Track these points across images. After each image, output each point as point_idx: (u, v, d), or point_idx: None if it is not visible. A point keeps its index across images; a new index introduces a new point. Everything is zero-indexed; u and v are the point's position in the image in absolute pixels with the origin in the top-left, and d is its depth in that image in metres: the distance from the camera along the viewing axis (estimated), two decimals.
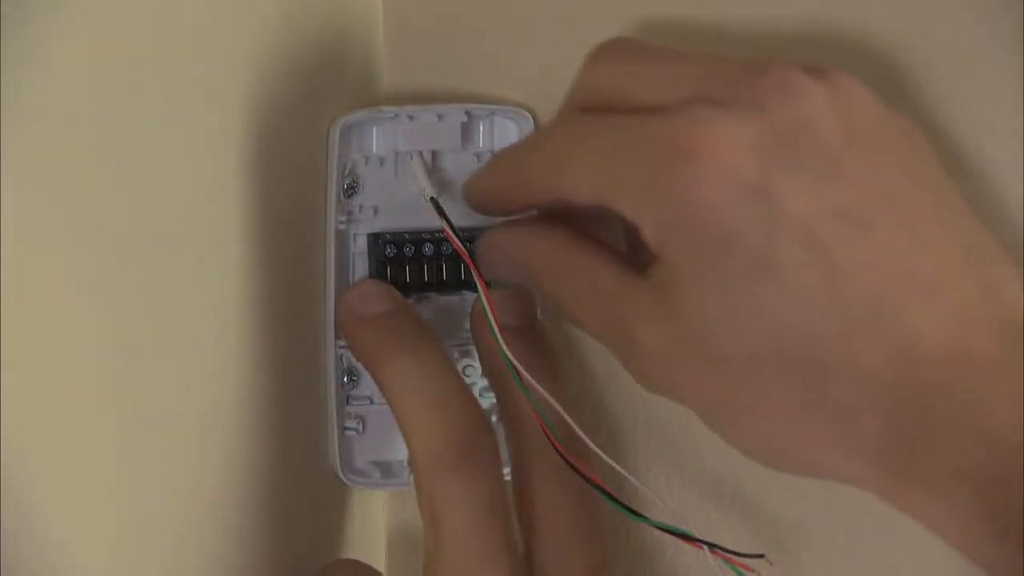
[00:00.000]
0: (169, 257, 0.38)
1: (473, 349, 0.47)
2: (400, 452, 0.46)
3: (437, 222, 0.44)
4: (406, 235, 0.46)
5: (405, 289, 0.46)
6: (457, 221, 0.44)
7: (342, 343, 0.46)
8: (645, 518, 0.42)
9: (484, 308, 0.43)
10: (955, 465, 0.35)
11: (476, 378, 0.47)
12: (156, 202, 0.37)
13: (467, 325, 0.46)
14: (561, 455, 0.42)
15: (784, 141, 0.37)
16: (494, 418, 0.47)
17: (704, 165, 0.37)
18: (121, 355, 0.36)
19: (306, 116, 0.45)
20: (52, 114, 0.32)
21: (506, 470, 0.44)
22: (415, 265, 0.46)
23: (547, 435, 0.42)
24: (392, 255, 0.46)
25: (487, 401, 0.47)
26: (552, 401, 0.42)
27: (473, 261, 0.43)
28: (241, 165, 0.41)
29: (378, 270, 0.46)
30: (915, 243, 0.37)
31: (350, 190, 0.46)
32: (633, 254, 0.40)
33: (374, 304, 0.45)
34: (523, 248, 0.43)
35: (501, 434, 0.45)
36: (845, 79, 0.39)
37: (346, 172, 0.46)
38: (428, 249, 0.46)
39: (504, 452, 0.44)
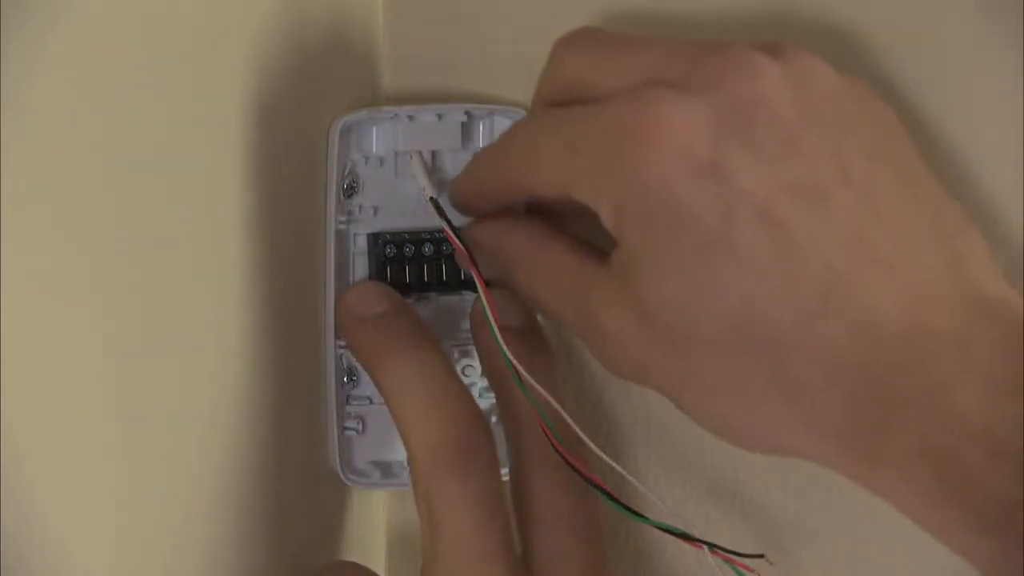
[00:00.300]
0: (168, 257, 0.38)
1: (473, 349, 0.46)
2: (400, 452, 0.46)
3: (437, 222, 0.44)
4: (406, 235, 0.46)
5: (405, 289, 0.46)
6: (457, 221, 0.44)
7: (342, 343, 0.46)
8: (645, 518, 0.42)
9: (484, 308, 0.43)
10: (917, 445, 0.35)
11: (476, 378, 0.47)
12: (155, 202, 0.37)
13: (467, 325, 0.46)
14: (561, 455, 0.42)
15: (738, 119, 0.37)
16: (494, 419, 0.47)
17: (656, 145, 0.37)
18: (121, 355, 0.36)
19: (306, 116, 0.45)
20: (50, 115, 0.32)
21: (504, 470, 0.44)
22: (415, 265, 0.46)
23: (547, 435, 0.42)
24: (392, 255, 0.46)
25: (487, 401, 0.47)
26: (551, 400, 0.42)
27: (473, 261, 0.43)
28: (241, 165, 0.41)
29: (378, 270, 0.46)
30: (874, 218, 0.37)
31: (350, 190, 0.46)
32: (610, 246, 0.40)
33: (373, 304, 0.45)
34: (496, 242, 0.43)
35: (500, 435, 0.45)
36: (802, 56, 0.38)
37: (346, 172, 0.46)
38: (428, 249, 0.46)
39: (503, 452, 0.44)
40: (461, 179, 0.44)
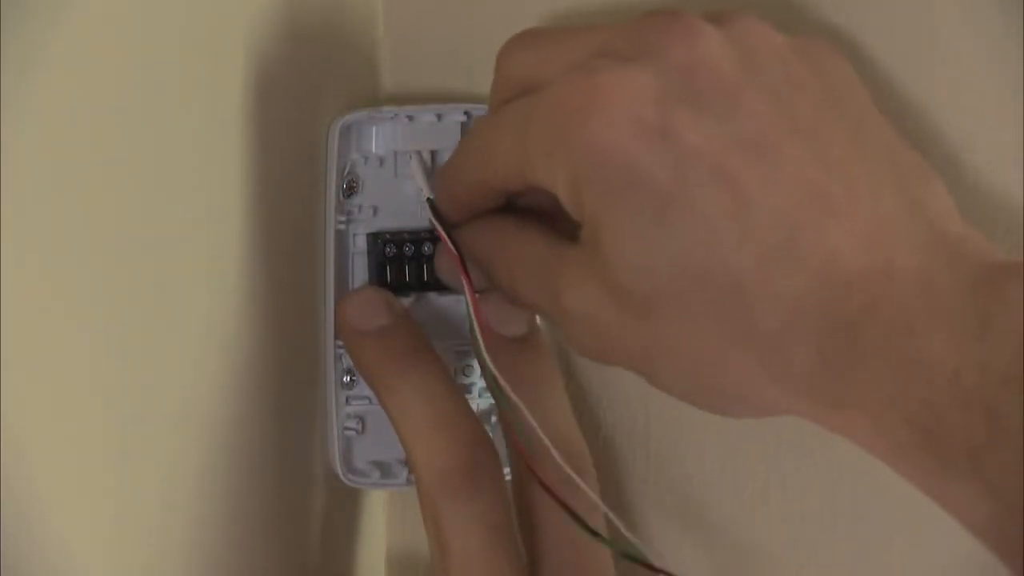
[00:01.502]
0: (168, 257, 0.38)
1: (471, 350, 0.47)
2: (400, 452, 0.46)
3: (431, 223, 0.44)
4: (406, 234, 0.46)
5: (405, 288, 0.46)
6: None
7: (341, 343, 0.46)
8: (608, 542, 0.42)
9: (471, 319, 0.43)
10: (886, 391, 0.35)
11: (475, 378, 0.47)
12: (155, 202, 0.37)
13: (467, 326, 0.46)
14: (530, 470, 0.42)
15: (682, 81, 0.37)
16: (494, 418, 0.47)
17: (602, 111, 0.37)
18: (121, 355, 0.36)
19: (306, 116, 0.45)
20: (45, 115, 0.32)
21: (506, 469, 0.44)
22: (415, 265, 0.46)
23: (520, 451, 0.42)
24: (392, 254, 0.46)
25: (487, 401, 0.47)
26: (526, 413, 0.41)
27: (464, 268, 0.43)
28: (240, 164, 0.41)
29: (378, 270, 0.46)
30: (826, 167, 0.36)
31: (349, 190, 0.46)
32: None
33: (372, 317, 0.44)
34: (474, 243, 0.43)
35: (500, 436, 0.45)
36: (744, 18, 0.39)
37: (346, 172, 0.46)
38: (428, 248, 0.46)
39: (502, 453, 0.44)
40: (437, 192, 0.44)
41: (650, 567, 0.41)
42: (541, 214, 0.42)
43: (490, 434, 0.43)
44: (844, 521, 0.48)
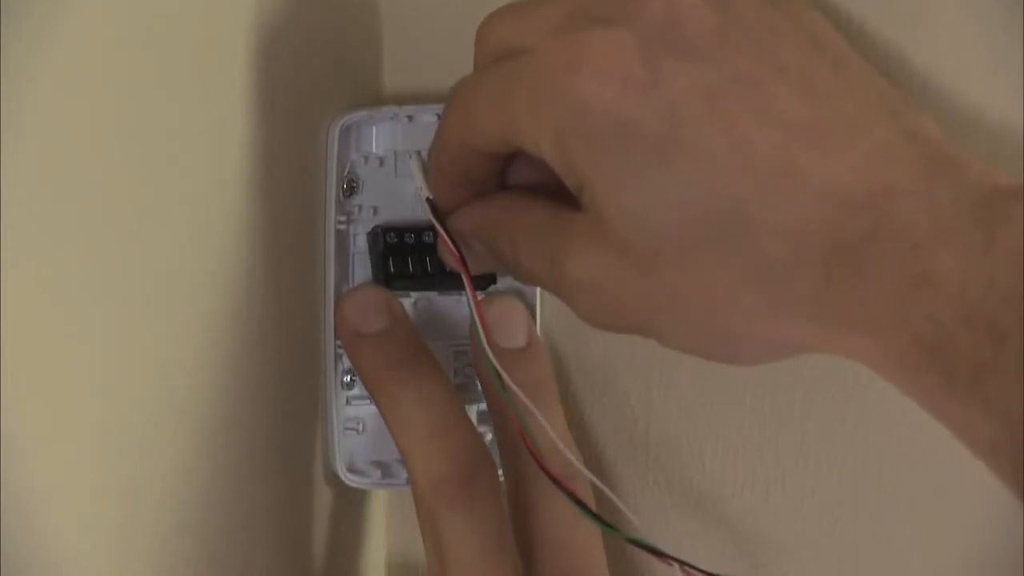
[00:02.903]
0: (168, 257, 0.38)
1: (469, 349, 0.47)
2: None
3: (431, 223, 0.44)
4: (407, 227, 0.46)
5: (408, 281, 0.46)
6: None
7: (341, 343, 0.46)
8: (618, 531, 0.42)
9: (476, 326, 0.42)
10: (893, 311, 0.34)
11: (474, 375, 0.47)
12: (154, 202, 0.37)
13: (466, 326, 0.46)
14: (539, 464, 0.42)
15: (664, 33, 0.37)
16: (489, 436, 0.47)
17: (587, 67, 0.37)
18: (121, 355, 0.36)
19: (306, 116, 0.45)
20: (48, 116, 0.32)
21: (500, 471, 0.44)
22: (416, 255, 0.46)
23: (527, 445, 0.42)
24: (393, 242, 0.46)
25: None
26: (534, 410, 0.42)
27: (465, 266, 0.43)
28: (240, 164, 0.41)
29: (380, 260, 0.46)
30: (817, 101, 0.36)
31: (350, 190, 0.46)
32: None
33: (372, 320, 0.44)
34: (476, 223, 0.42)
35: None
36: None
37: (346, 172, 0.46)
38: (428, 238, 0.46)
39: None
40: (431, 173, 0.44)
41: (661, 555, 0.41)
42: (543, 189, 0.42)
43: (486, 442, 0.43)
44: (844, 522, 0.48)
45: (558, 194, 0.40)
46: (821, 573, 0.49)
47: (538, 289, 0.48)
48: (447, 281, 0.46)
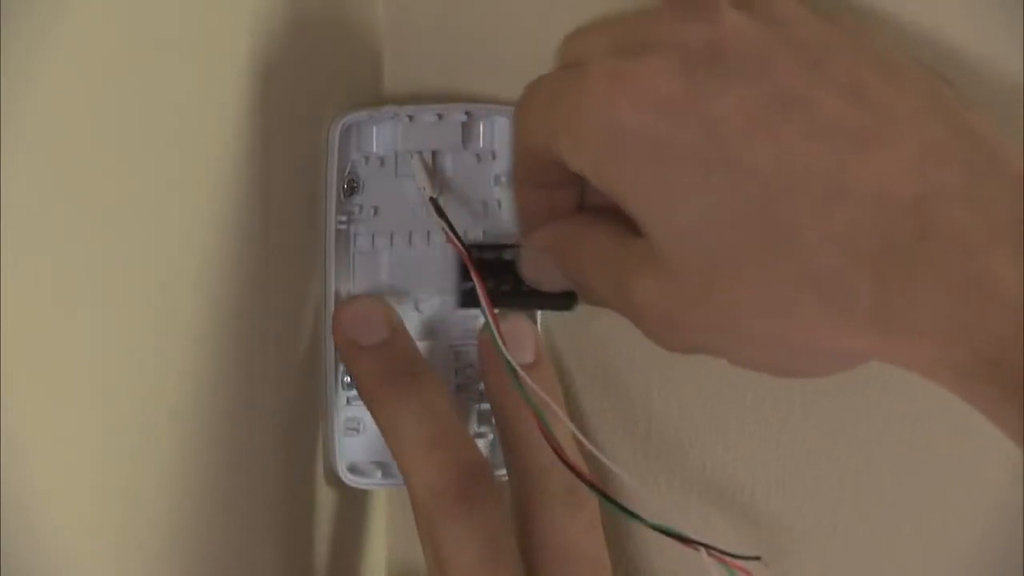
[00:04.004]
0: (168, 257, 0.38)
1: (472, 350, 0.47)
2: None
3: (437, 222, 0.44)
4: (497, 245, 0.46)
5: (503, 298, 0.45)
6: (457, 222, 0.44)
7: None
8: (641, 519, 0.42)
9: (494, 336, 0.42)
10: (948, 316, 0.34)
11: (475, 376, 0.47)
12: (155, 202, 0.37)
13: (466, 325, 0.46)
14: (558, 455, 0.42)
15: (708, 54, 0.37)
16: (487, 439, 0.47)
17: (626, 90, 0.37)
18: (120, 356, 0.36)
19: (306, 116, 0.45)
20: (47, 115, 0.32)
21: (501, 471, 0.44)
22: (510, 274, 0.45)
23: (545, 436, 0.42)
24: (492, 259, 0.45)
25: (487, 403, 0.47)
26: (550, 403, 0.42)
27: (473, 264, 0.43)
28: (241, 165, 0.41)
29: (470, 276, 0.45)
30: (865, 108, 0.36)
31: (350, 190, 0.46)
32: None
33: (370, 332, 0.44)
34: (547, 242, 0.43)
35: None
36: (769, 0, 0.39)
37: (346, 172, 0.46)
38: (508, 255, 0.45)
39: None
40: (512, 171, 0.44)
41: (686, 540, 0.41)
42: (616, 212, 0.42)
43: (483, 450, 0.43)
44: (845, 522, 0.48)
45: (629, 217, 0.40)
46: (822, 573, 0.49)
47: None
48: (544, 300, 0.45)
